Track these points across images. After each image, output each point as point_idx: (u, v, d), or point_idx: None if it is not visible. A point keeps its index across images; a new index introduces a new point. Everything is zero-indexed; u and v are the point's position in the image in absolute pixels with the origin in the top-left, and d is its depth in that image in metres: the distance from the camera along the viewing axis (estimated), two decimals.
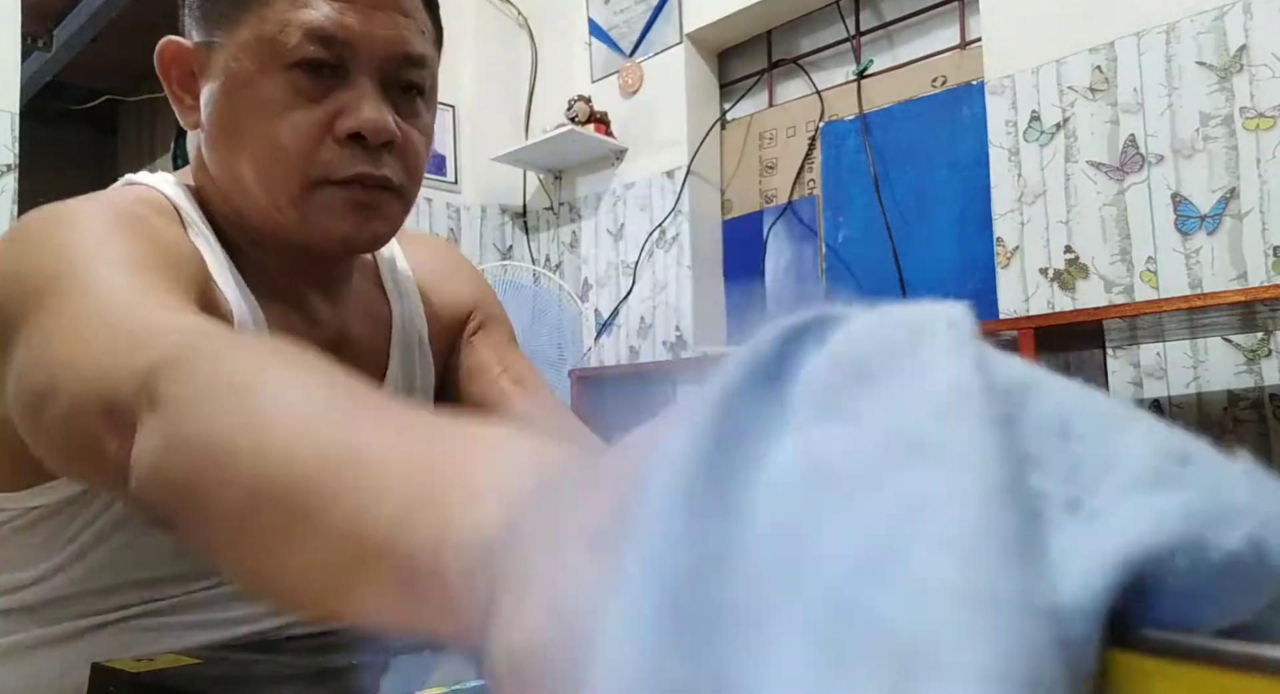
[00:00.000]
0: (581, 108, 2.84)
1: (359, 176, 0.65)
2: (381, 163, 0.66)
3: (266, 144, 0.65)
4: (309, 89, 0.64)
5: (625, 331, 2.86)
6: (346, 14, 0.64)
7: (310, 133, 0.64)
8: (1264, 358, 1.72)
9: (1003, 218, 2.08)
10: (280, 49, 0.63)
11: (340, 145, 0.65)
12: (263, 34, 0.64)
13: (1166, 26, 1.87)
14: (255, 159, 0.65)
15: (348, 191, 0.66)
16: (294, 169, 0.64)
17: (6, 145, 2.19)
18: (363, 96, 0.65)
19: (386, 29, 0.65)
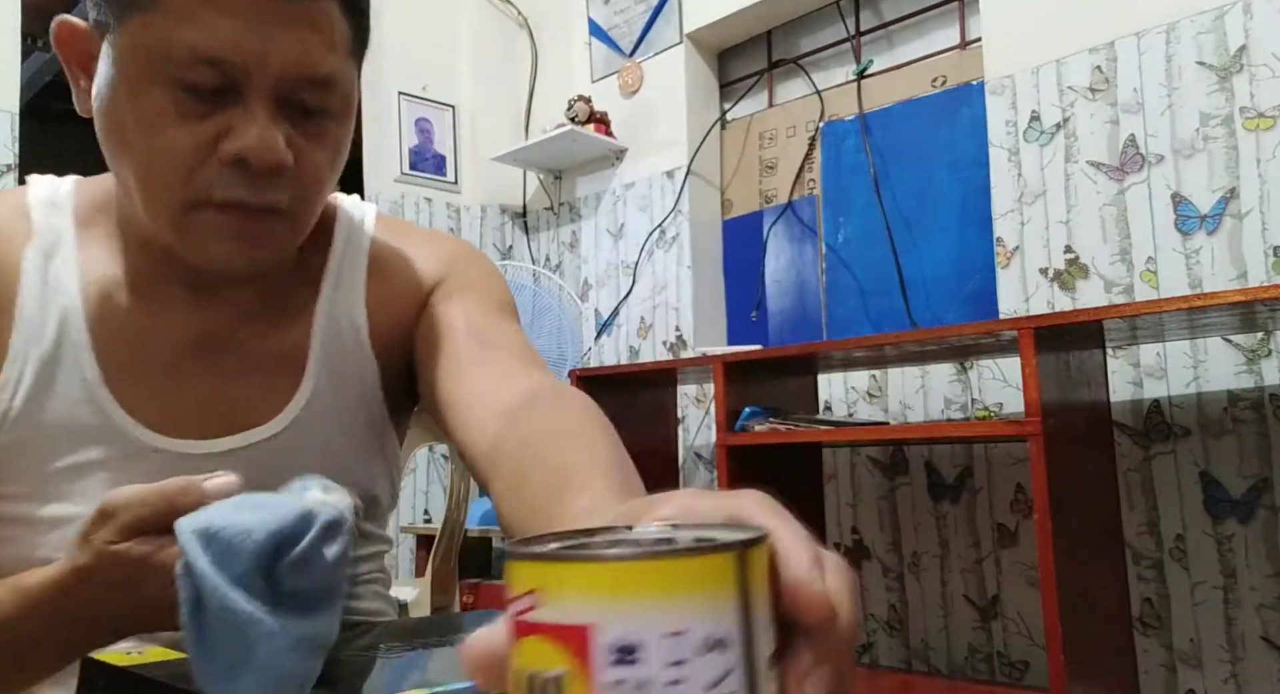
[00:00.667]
0: (581, 108, 2.84)
1: (239, 203, 0.61)
2: (266, 188, 0.62)
3: (146, 158, 0.61)
4: (193, 106, 0.59)
5: (625, 331, 2.86)
6: (242, 33, 0.58)
7: (191, 153, 0.60)
8: (1264, 358, 1.73)
9: (1003, 218, 2.08)
10: (166, 65, 0.58)
11: (223, 166, 0.60)
12: (150, 43, 0.58)
13: (1166, 26, 1.87)
14: (136, 170, 0.62)
15: (226, 216, 0.62)
16: (173, 188, 0.61)
17: (6, 145, 2.19)
18: (251, 119, 0.59)
19: (288, 49, 0.59)
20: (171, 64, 0.58)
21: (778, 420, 1.88)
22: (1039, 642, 1.99)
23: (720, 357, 1.96)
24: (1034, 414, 1.46)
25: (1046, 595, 1.43)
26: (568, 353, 2.69)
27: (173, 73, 0.58)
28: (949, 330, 1.65)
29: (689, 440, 2.65)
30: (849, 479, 2.34)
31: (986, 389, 2.11)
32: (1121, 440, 1.86)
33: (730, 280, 2.80)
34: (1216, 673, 1.74)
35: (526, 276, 2.79)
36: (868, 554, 2.30)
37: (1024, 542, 2.03)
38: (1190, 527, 1.79)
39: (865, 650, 2.29)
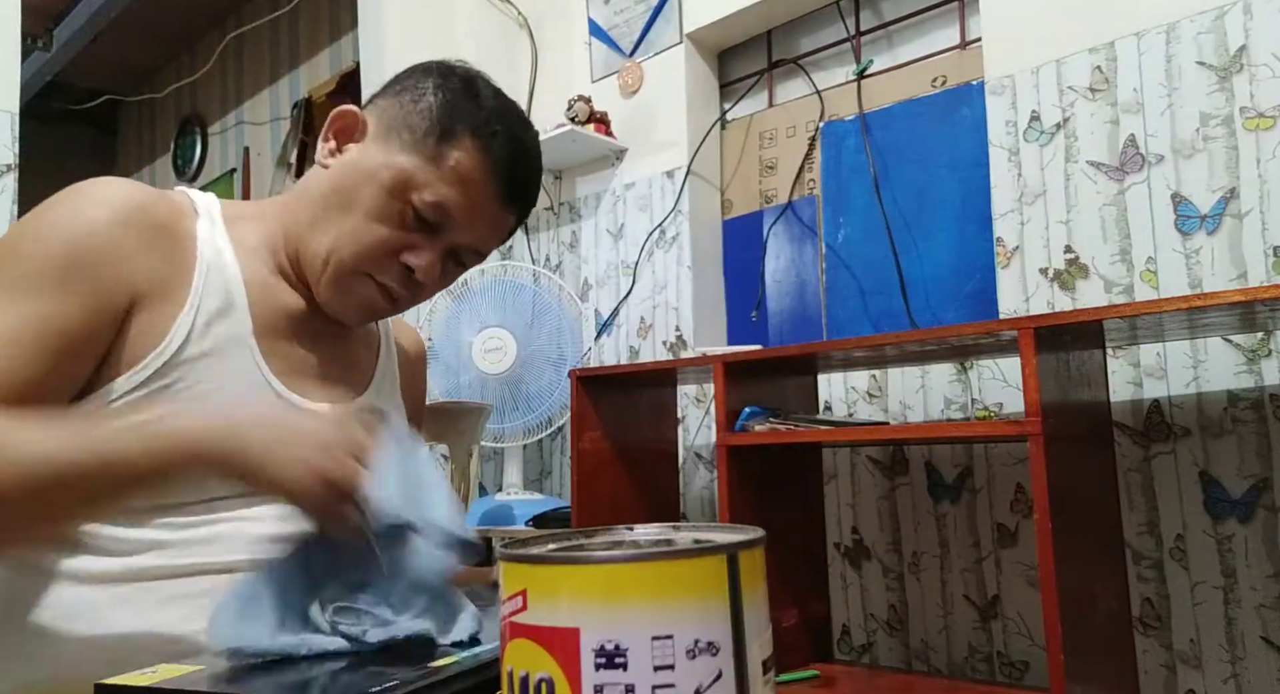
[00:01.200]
0: (581, 108, 2.83)
1: (388, 289, 0.90)
2: (410, 288, 0.90)
3: (354, 228, 0.87)
4: (410, 222, 0.87)
5: (625, 331, 2.86)
6: (469, 208, 0.87)
7: (385, 245, 0.87)
8: (1264, 358, 1.72)
9: (1003, 218, 2.08)
10: (411, 193, 0.86)
11: (394, 262, 0.88)
12: (413, 176, 0.86)
13: (1166, 26, 1.87)
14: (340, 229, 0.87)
15: (375, 291, 0.90)
16: (356, 256, 0.87)
17: (6, 145, 2.19)
18: (432, 251, 0.88)
19: (482, 230, 0.90)
20: (420, 198, 0.86)
21: (778, 420, 1.88)
22: (1039, 642, 1.99)
23: (720, 356, 1.96)
24: (1034, 414, 1.46)
25: (1046, 595, 1.43)
26: (567, 353, 2.69)
27: (416, 201, 0.86)
28: (949, 330, 1.64)
29: (689, 440, 2.65)
30: (849, 479, 2.34)
31: (986, 389, 2.11)
32: (1121, 440, 1.86)
33: (730, 280, 2.80)
34: (1216, 673, 1.74)
35: (526, 276, 2.79)
36: (868, 554, 2.30)
37: (1024, 542, 2.03)
38: (1190, 527, 1.78)
39: (865, 650, 2.29)
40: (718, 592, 0.32)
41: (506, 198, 0.89)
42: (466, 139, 0.86)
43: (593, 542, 0.39)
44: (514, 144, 0.89)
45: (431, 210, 0.86)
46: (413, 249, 0.87)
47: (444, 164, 0.86)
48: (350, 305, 0.90)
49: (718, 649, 0.31)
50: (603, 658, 0.30)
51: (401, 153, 0.86)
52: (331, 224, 0.87)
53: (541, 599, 0.32)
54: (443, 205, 0.86)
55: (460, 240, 0.89)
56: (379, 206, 0.86)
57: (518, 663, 0.33)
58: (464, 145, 0.86)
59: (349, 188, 0.87)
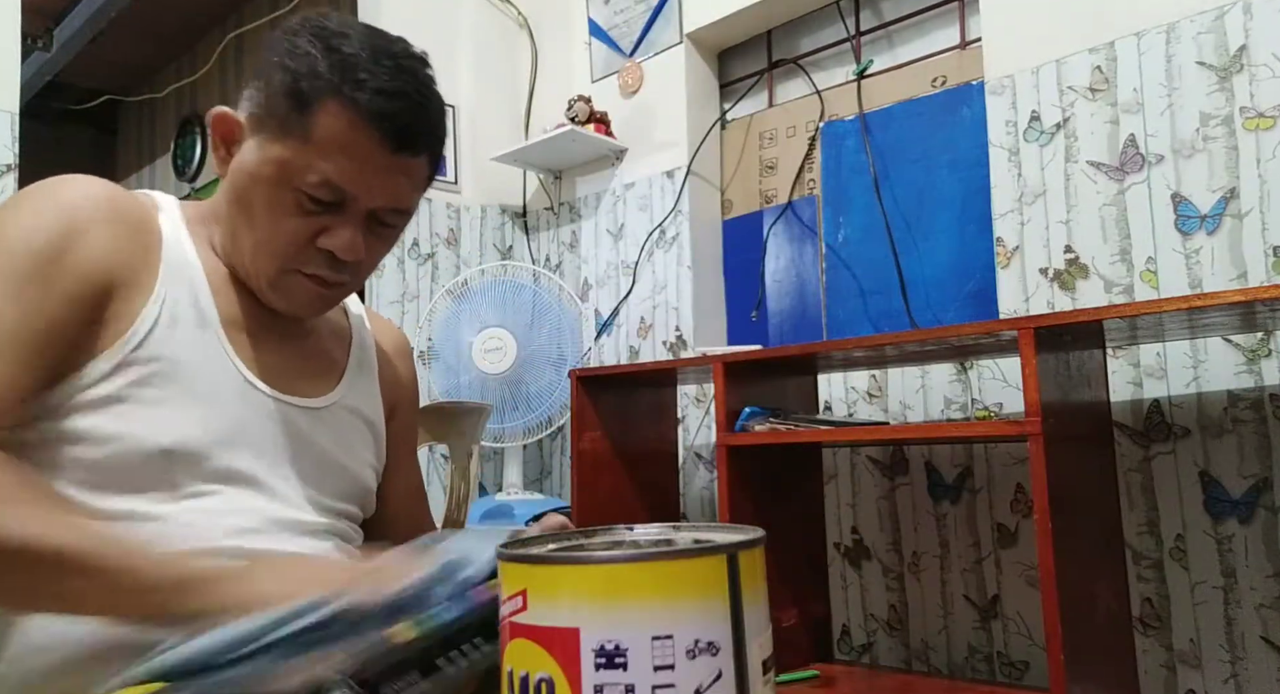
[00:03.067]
0: (581, 108, 2.83)
1: (322, 278, 0.87)
2: (343, 270, 0.87)
3: (266, 233, 0.84)
4: (310, 208, 0.83)
5: (625, 331, 2.86)
6: (360, 174, 0.82)
7: (298, 238, 0.84)
8: (1264, 358, 1.72)
9: (1003, 218, 2.08)
10: (299, 180, 0.81)
11: (317, 251, 0.85)
12: (295, 163, 0.81)
13: (1166, 26, 1.87)
14: (252, 236, 0.85)
15: (311, 283, 0.87)
16: (277, 256, 0.85)
17: (6, 145, 2.19)
18: (346, 226, 0.84)
19: (387, 190, 0.84)
20: (305, 182, 0.82)
21: (778, 420, 1.88)
22: (1039, 642, 1.99)
23: (720, 356, 1.96)
24: (1034, 414, 1.46)
25: (1046, 595, 1.43)
26: (567, 353, 2.69)
27: (304, 187, 0.82)
28: (949, 330, 1.64)
29: (689, 440, 2.65)
30: (849, 479, 2.34)
31: (986, 389, 2.11)
32: (1121, 440, 1.86)
33: (730, 280, 2.80)
34: (1216, 673, 1.74)
35: (526, 276, 2.79)
36: (868, 554, 2.30)
37: (1024, 542, 2.03)
38: (1190, 527, 1.78)
39: (865, 650, 2.29)
40: (718, 592, 0.32)
41: (395, 148, 0.82)
42: (328, 104, 0.80)
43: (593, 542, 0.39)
44: (383, 89, 0.81)
45: (321, 190, 0.82)
46: (326, 232, 0.84)
47: (314, 139, 0.80)
48: (295, 303, 0.89)
49: (718, 649, 0.31)
50: (603, 658, 0.30)
51: (273, 143, 0.82)
52: (243, 233, 0.86)
53: (541, 599, 0.32)
54: (329, 182, 0.81)
55: (369, 206, 0.84)
56: (273, 203, 0.83)
57: (518, 663, 0.33)
58: (328, 111, 0.80)
59: (243, 194, 0.84)
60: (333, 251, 0.84)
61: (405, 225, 0.90)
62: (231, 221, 0.86)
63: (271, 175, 0.82)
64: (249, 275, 0.87)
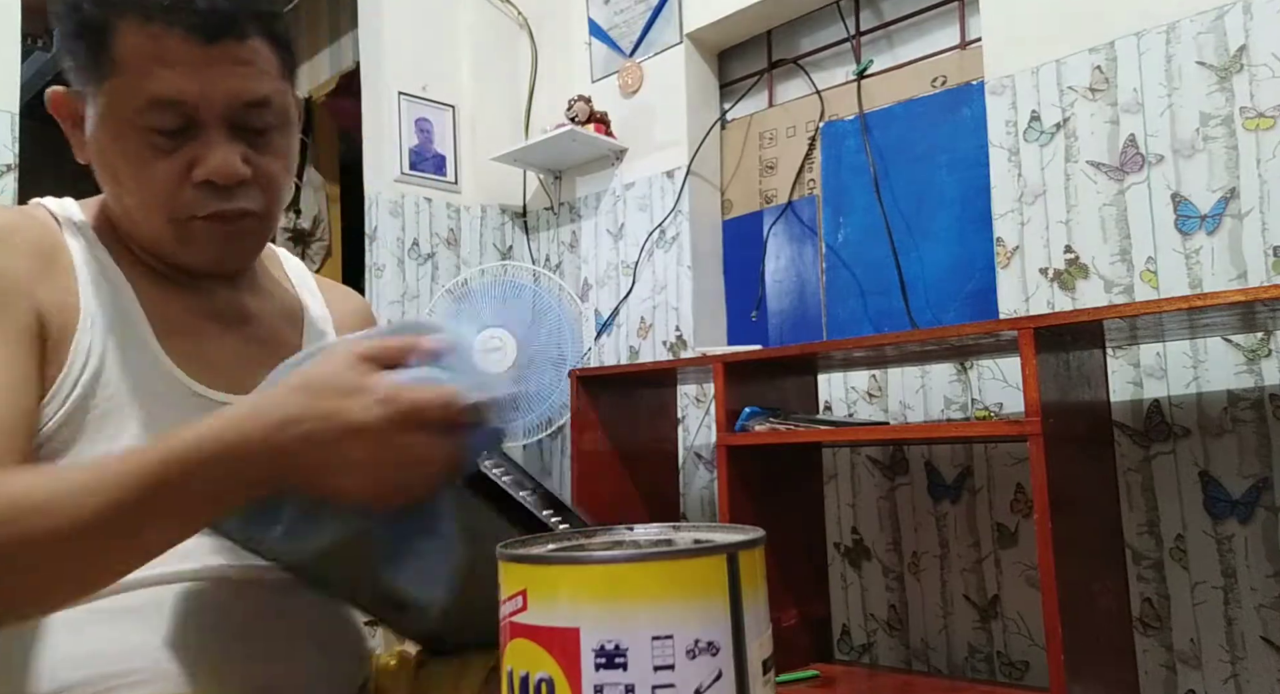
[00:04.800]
0: (581, 108, 2.83)
1: (217, 213, 0.77)
2: (236, 197, 0.77)
3: (136, 189, 0.76)
4: (164, 143, 0.74)
5: (625, 331, 2.86)
6: (185, 78, 0.72)
7: (169, 181, 0.75)
8: (1264, 358, 1.72)
9: (1003, 218, 2.08)
10: (132, 116, 0.73)
11: (197, 188, 0.76)
12: (120, 100, 0.73)
13: (1166, 26, 1.87)
14: (130, 199, 0.77)
15: (210, 224, 0.78)
16: (161, 210, 0.77)
17: (6, 145, 2.19)
18: (210, 146, 0.75)
19: (224, 83, 0.74)
20: (139, 114, 0.73)
21: (778, 420, 1.88)
22: (1039, 642, 1.99)
23: (720, 356, 1.96)
24: (1034, 414, 1.46)
25: (1046, 595, 1.43)
26: (568, 353, 2.69)
27: (141, 121, 0.73)
28: (949, 330, 1.64)
29: (689, 440, 2.65)
30: (849, 479, 2.34)
31: (986, 389, 2.11)
32: (1121, 440, 1.86)
33: (730, 280, 2.79)
34: (1216, 673, 1.74)
35: (526, 276, 2.79)
36: (868, 554, 2.30)
37: (1024, 542, 2.03)
38: (1190, 527, 1.78)
39: (865, 650, 2.29)
40: (718, 592, 0.32)
41: (208, 38, 0.72)
42: (118, 25, 0.72)
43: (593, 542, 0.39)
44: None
45: (155, 114, 0.72)
46: (196, 163, 0.75)
47: (123, 68, 0.72)
48: (208, 253, 0.80)
49: (718, 649, 0.31)
50: (603, 658, 0.30)
51: (97, 93, 0.74)
52: (125, 201, 0.77)
53: (541, 599, 0.32)
54: (157, 99, 0.72)
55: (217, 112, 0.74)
56: (128, 154, 0.74)
57: (518, 663, 0.33)
58: (121, 33, 0.71)
59: (104, 162, 0.76)
60: (210, 179, 0.75)
61: (286, 127, 0.80)
62: (112, 197, 0.79)
63: (110, 126, 0.74)
64: (152, 243, 0.80)
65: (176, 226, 0.77)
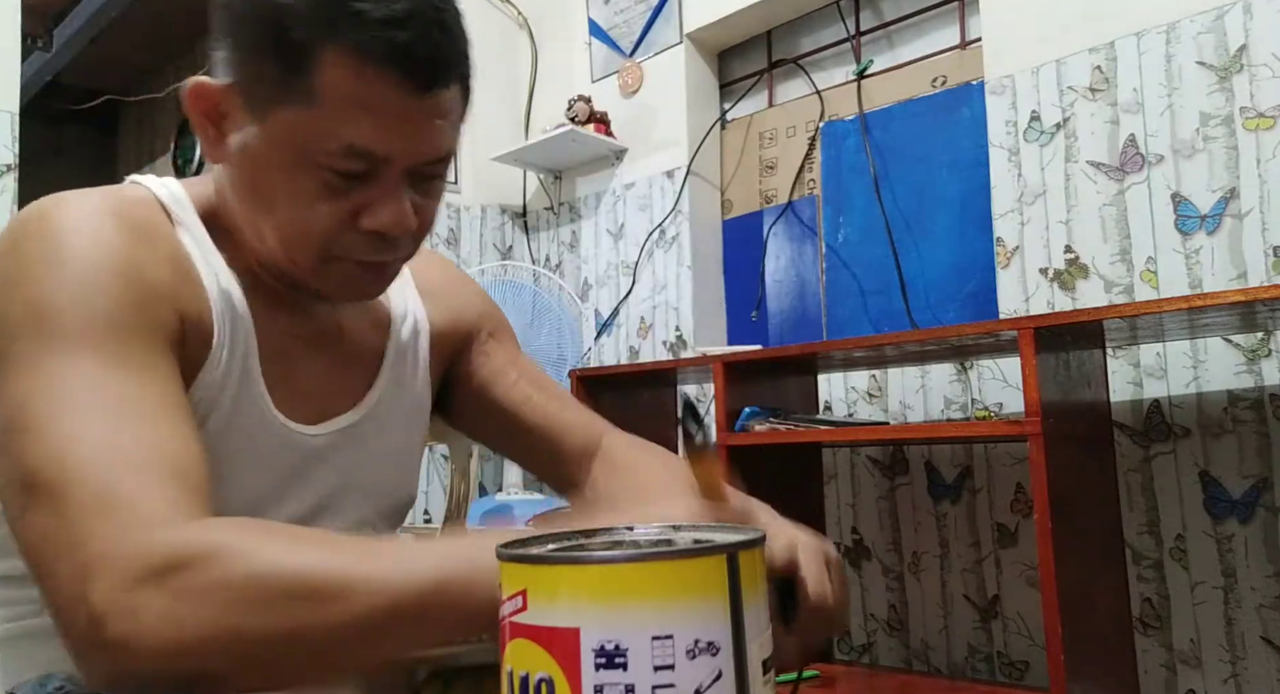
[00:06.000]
0: (581, 108, 2.83)
1: (377, 262, 0.72)
2: (398, 246, 0.71)
3: (293, 224, 0.68)
4: (339, 184, 0.67)
5: (625, 331, 2.86)
6: (389, 130, 0.65)
7: (336, 223, 0.68)
8: (1264, 358, 1.72)
9: (1003, 218, 2.08)
10: (319, 153, 0.65)
11: (361, 234, 0.69)
12: (306, 134, 0.65)
13: (1166, 26, 1.87)
14: (280, 230, 0.69)
15: (362, 269, 0.72)
16: (316, 248, 0.69)
17: (6, 145, 2.19)
18: (388, 196, 0.68)
19: (425, 140, 0.67)
20: (326, 154, 0.65)
21: (778, 420, 1.88)
22: (1039, 642, 1.99)
23: (720, 356, 1.96)
24: (1034, 414, 1.46)
25: (1046, 595, 1.43)
26: (568, 353, 2.69)
27: (325, 161, 0.65)
28: (949, 330, 1.65)
29: None
30: (849, 479, 2.34)
31: (986, 389, 2.11)
32: (1121, 440, 1.86)
33: (730, 280, 2.80)
34: (1216, 673, 1.74)
35: (526, 276, 2.79)
36: (868, 554, 2.30)
37: (1024, 542, 2.03)
38: (1190, 527, 1.78)
39: (865, 650, 2.29)
40: (718, 592, 0.32)
41: (423, 88, 0.65)
42: (327, 52, 0.63)
43: (593, 542, 0.39)
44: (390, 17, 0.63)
45: (347, 160, 0.65)
46: (366, 210, 0.68)
47: (321, 101, 0.64)
48: (347, 291, 0.75)
49: (718, 649, 0.31)
50: (603, 658, 0.30)
51: (271, 114, 0.66)
52: (264, 226, 0.70)
53: (541, 599, 0.32)
54: (354, 148, 0.65)
55: (406, 165, 0.68)
56: (294, 189, 0.67)
57: (518, 663, 0.33)
58: (329, 62, 0.63)
59: (253, 182, 0.69)
60: (381, 231, 0.69)
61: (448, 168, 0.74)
62: (250, 214, 0.71)
63: (282, 156, 0.66)
64: (284, 267, 0.72)
65: (325, 263, 0.70)
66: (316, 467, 0.76)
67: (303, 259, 0.70)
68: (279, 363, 0.74)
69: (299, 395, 0.76)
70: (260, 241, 0.72)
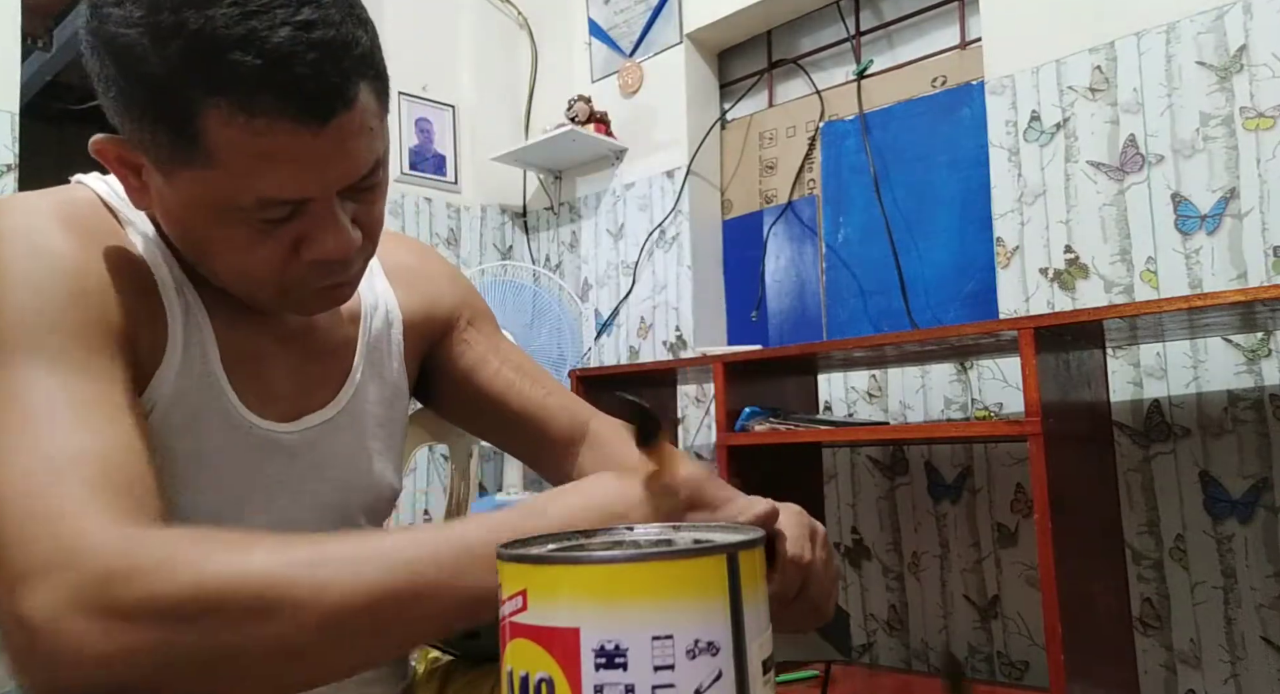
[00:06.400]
0: (581, 108, 2.84)
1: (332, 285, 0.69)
2: (350, 264, 0.69)
3: (236, 269, 0.66)
4: (270, 228, 0.63)
5: (625, 331, 2.86)
6: (301, 173, 0.61)
7: (279, 262, 0.65)
8: (1264, 358, 1.72)
9: (1003, 218, 2.08)
10: (234, 209, 0.62)
11: (303, 266, 0.66)
12: (214, 196, 0.61)
13: (1166, 26, 1.87)
14: (227, 274, 0.67)
15: (311, 294, 0.69)
16: (266, 285, 0.67)
17: (6, 145, 2.19)
18: (324, 225, 0.64)
19: (342, 168, 0.63)
20: (242, 211, 0.62)
21: (778, 420, 1.88)
22: (1039, 642, 1.99)
23: (720, 356, 1.96)
24: (1034, 414, 1.46)
25: (1046, 595, 1.43)
26: (568, 353, 2.69)
27: (243, 215, 0.62)
28: (949, 330, 1.65)
29: (689, 440, 2.65)
30: (849, 479, 2.34)
31: (986, 389, 2.11)
32: (1121, 440, 1.86)
33: (730, 280, 2.80)
34: (1216, 673, 1.74)
35: (526, 276, 2.79)
36: (868, 554, 2.30)
37: (1024, 542, 2.03)
38: (1190, 527, 1.78)
39: (865, 650, 2.29)
40: (718, 592, 0.32)
41: (323, 120, 0.59)
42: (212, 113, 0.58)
43: (593, 542, 0.39)
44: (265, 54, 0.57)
45: (267, 210, 0.62)
46: (305, 242, 0.65)
47: (220, 160, 0.59)
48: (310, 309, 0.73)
49: (718, 649, 0.31)
50: (603, 658, 0.30)
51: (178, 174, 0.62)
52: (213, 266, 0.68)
53: (541, 599, 0.32)
54: (266, 199, 0.61)
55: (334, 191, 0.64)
56: (227, 237, 0.64)
57: (518, 663, 0.33)
58: (215, 122, 0.58)
59: (187, 233, 0.66)
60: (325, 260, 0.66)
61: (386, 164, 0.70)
62: (193, 255, 0.68)
63: (202, 212, 0.63)
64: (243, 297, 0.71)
65: (281, 294, 0.68)
66: (294, 464, 0.75)
67: (257, 293, 0.69)
68: (246, 362, 0.73)
69: (271, 394, 0.75)
70: (213, 278, 0.70)
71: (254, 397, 0.73)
